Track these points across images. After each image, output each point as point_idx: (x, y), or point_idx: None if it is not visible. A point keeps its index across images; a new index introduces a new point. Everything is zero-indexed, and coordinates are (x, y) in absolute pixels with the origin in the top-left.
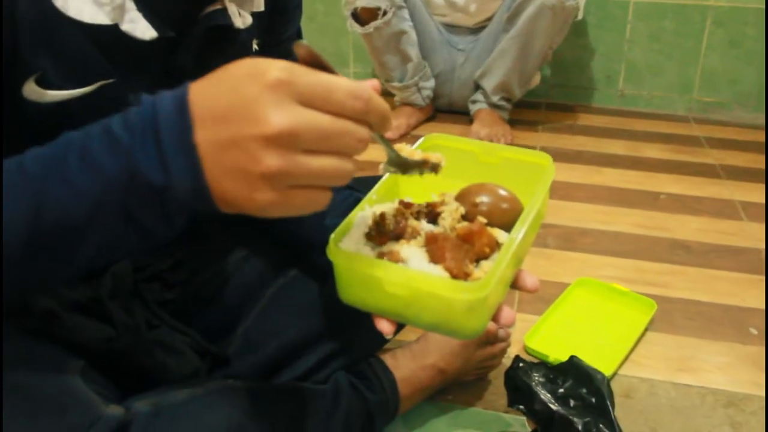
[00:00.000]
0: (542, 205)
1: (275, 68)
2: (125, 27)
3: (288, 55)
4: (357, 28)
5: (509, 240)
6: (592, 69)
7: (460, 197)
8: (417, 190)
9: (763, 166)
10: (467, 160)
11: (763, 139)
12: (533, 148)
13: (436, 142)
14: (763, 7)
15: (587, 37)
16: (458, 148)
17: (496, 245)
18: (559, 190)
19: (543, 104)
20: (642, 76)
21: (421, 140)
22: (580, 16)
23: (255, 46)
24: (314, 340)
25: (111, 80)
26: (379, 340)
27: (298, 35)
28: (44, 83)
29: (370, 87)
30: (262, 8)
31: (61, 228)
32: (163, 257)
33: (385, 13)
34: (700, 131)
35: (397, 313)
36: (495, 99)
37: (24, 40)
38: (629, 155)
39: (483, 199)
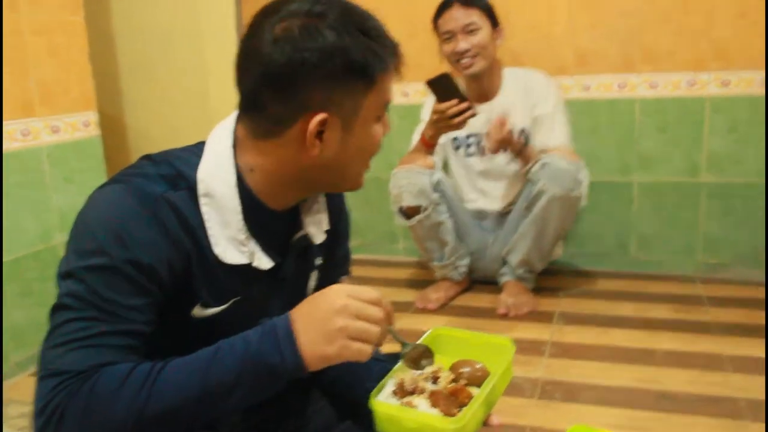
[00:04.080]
0: (507, 369)
1: (339, 285)
2: (255, 263)
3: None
4: (403, 222)
5: (478, 394)
6: (606, 239)
7: (452, 368)
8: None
9: (755, 320)
10: (462, 344)
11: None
12: (553, 313)
13: (441, 332)
14: (751, 181)
15: (601, 213)
16: (456, 336)
17: (471, 398)
18: (572, 351)
19: (565, 271)
20: (651, 243)
21: (428, 332)
22: (583, 203)
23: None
24: None
25: (239, 297)
26: None
27: (347, 257)
28: (204, 305)
29: (382, 296)
30: (328, 226)
31: (221, 385)
32: (266, 412)
33: (425, 209)
34: (704, 291)
35: None
36: (520, 272)
37: (194, 283)
38: (637, 316)
39: (465, 369)
